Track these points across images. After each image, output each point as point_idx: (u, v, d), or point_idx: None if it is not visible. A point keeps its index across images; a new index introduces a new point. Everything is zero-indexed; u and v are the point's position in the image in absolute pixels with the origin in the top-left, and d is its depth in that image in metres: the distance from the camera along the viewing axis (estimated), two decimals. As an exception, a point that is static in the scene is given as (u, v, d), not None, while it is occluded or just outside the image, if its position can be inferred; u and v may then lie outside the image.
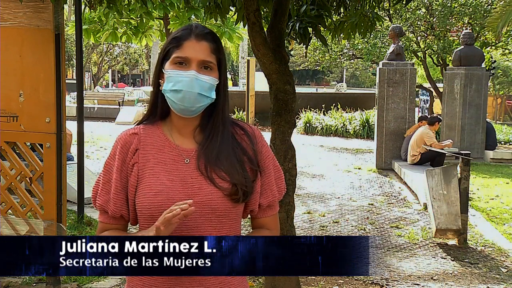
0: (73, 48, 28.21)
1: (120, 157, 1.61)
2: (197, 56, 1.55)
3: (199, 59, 1.55)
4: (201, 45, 1.57)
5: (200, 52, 1.56)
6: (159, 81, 1.61)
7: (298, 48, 29.75)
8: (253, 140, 1.64)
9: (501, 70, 20.85)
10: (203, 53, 1.56)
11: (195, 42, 1.56)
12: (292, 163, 3.37)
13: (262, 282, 4.34)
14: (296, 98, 3.39)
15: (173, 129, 1.63)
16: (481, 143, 11.50)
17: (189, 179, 1.56)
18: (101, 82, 38.86)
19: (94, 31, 8.19)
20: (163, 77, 1.59)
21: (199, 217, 1.53)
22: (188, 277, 1.54)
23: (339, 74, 45.86)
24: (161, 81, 1.60)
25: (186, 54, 1.55)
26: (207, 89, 1.56)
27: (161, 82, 1.60)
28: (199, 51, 1.56)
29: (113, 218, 1.63)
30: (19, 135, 3.94)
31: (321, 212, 7.12)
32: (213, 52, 1.58)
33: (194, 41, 1.57)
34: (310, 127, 16.36)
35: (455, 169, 5.85)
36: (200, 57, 1.56)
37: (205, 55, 1.56)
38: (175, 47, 1.57)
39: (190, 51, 1.56)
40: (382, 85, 10.62)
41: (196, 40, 1.57)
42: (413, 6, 15.29)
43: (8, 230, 4.03)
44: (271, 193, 1.67)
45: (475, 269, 5.04)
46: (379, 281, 4.67)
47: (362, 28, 3.67)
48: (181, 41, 1.57)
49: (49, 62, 3.84)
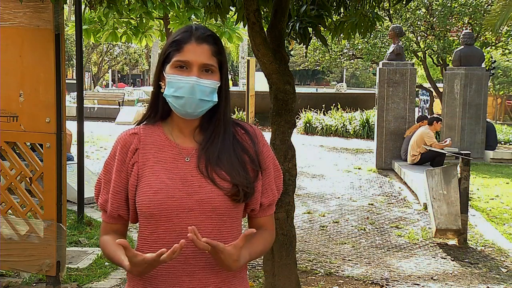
0: (73, 48, 28.21)
1: (120, 157, 1.61)
2: (198, 59, 1.54)
3: (200, 62, 1.54)
4: (202, 48, 1.55)
5: (201, 55, 1.55)
6: (160, 83, 1.61)
7: (298, 48, 29.76)
8: (254, 139, 1.64)
9: (501, 70, 20.84)
10: (204, 56, 1.55)
11: (195, 45, 1.55)
12: (292, 163, 3.37)
13: (262, 282, 4.34)
14: (296, 98, 3.39)
15: (174, 129, 1.63)
16: (481, 143, 11.50)
17: (189, 177, 1.55)
18: (101, 82, 38.86)
19: (94, 31, 8.18)
20: (164, 79, 1.59)
21: (199, 215, 1.53)
22: (188, 276, 1.55)
23: (339, 74, 45.85)
24: (161, 84, 1.60)
25: (186, 57, 1.54)
26: (209, 94, 1.55)
27: (161, 84, 1.60)
28: (200, 54, 1.54)
29: (112, 218, 1.65)
30: (19, 135, 3.94)
31: (321, 212, 7.12)
32: (214, 54, 1.57)
33: (195, 44, 1.55)
34: (310, 127, 16.36)
35: (455, 169, 5.85)
36: (201, 60, 1.54)
37: (206, 58, 1.55)
38: (176, 50, 1.55)
39: (190, 54, 1.54)
40: (382, 85, 10.63)
41: (196, 43, 1.55)
42: (413, 6, 15.29)
43: (8, 230, 4.03)
44: (272, 193, 1.67)
45: (475, 269, 5.04)
46: (379, 281, 4.67)
47: (362, 28, 3.67)
48: (182, 44, 1.55)
49: (49, 62, 3.83)
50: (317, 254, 5.38)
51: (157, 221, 1.54)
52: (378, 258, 5.33)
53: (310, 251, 5.47)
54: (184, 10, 6.75)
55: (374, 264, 5.15)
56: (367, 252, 5.51)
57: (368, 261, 5.24)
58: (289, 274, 3.41)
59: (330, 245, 5.73)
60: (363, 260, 5.25)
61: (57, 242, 3.95)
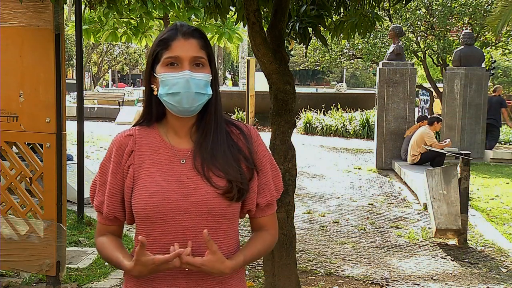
0: (73, 48, 28.21)
1: (115, 159, 1.61)
2: (188, 53, 1.54)
3: (190, 56, 1.55)
4: (190, 43, 1.56)
5: (190, 49, 1.55)
6: (151, 86, 1.60)
7: (298, 48, 29.76)
8: (249, 139, 1.64)
9: (501, 70, 20.85)
10: (193, 50, 1.55)
11: (183, 40, 1.55)
12: (292, 163, 3.37)
13: (262, 282, 4.34)
14: (296, 98, 3.39)
15: (169, 130, 1.63)
16: (481, 143, 11.50)
17: (185, 180, 1.55)
18: (101, 82, 38.85)
19: (94, 31, 8.18)
20: (155, 81, 1.59)
21: (195, 217, 1.53)
22: (185, 278, 1.55)
23: (339, 74, 45.87)
24: (153, 86, 1.60)
25: (176, 53, 1.54)
26: (203, 87, 1.55)
27: (153, 87, 1.59)
28: (189, 48, 1.55)
29: (108, 219, 1.65)
30: (19, 135, 3.94)
31: (321, 212, 7.12)
32: (202, 48, 1.58)
33: (182, 39, 1.55)
34: (310, 127, 16.36)
35: (455, 169, 5.85)
36: (190, 54, 1.55)
37: (195, 51, 1.56)
38: (164, 49, 1.56)
39: (179, 50, 1.54)
40: (382, 85, 10.63)
41: (184, 38, 1.56)
42: (413, 6, 15.29)
43: (8, 230, 4.03)
44: (269, 192, 1.66)
45: (475, 269, 5.03)
46: (379, 281, 4.67)
47: (362, 28, 3.67)
48: (169, 41, 1.56)
49: (49, 62, 3.84)
50: (317, 254, 5.38)
51: (153, 223, 1.54)
52: (378, 258, 5.33)
53: (310, 251, 5.47)
54: (184, 10, 6.76)
55: (374, 264, 5.15)
56: (367, 252, 5.51)
57: (368, 261, 5.24)
58: (289, 274, 3.41)
59: (330, 245, 5.73)
60: (363, 260, 5.25)
61: (57, 242, 3.95)
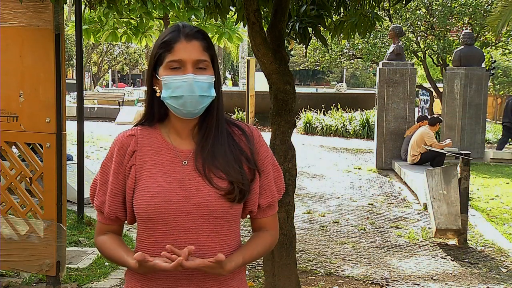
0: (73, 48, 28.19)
1: (117, 159, 1.60)
2: (191, 56, 1.52)
3: (193, 59, 1.52)
4: (192, 45, 1.54)
5: (193, 52, 1.53)
6: (154, 87, 1.59)
7: (298, 48, 29.76)
8: (251, 140, 1.63)
9: (501, 70, 20.82)
10: (196, 53, 1.53)
11: (185, 43, 1.53)
12: (292, 163, 3.37)
13: (262, 282, 4.34)
14: (296, 98, 3.39)
15: (171, 131, 1.62)
16: (481, 143, 11.50)
17: (187, 181, 1.54)
18: (101, 82, 38.84)
19: (94, 31, 8.18)
20: (157, 82, 1.57)
21: (197, 218, 1.53)
22: (187, 279, 1.54)
23: (339, 74, 45.85)
24: (156, 87, 1.58)
25: (179, 56, 1.52)
26: (207, 89, 1.54)
27: (156, 88, 1.58)
28: (192, 51, 1.53)
29: (109, 219, 1.65)
30: (19, 135, 3.94)
31: (321, 212, 7.12)
32: (205, 50, 1.56)
33: (185, 42, 1.53)
34: (310, 127, 16.36)
35: (455, 169, 5.85)
36: (194, 57, 1.53)
37: (199, 54, 1.54)
38: (167, 51, 1.54)
39: (182, 53, 1.52)
40: (382, 85, 10.63)
41: (186, 40, 1.53)
42: (413, 6, 15.29)
43: (8, 230, 4.03)
44: (271, 194, 1.66)
45: (475, 269, 5.03)
46: (379, 281, 4.67)
47: (362, 28, 3.67)
48: (172, 44, 1.53)
49: (49, 62, 3.83)
50: (317, 254, 5.38)
51: (155, 224, 1.54)
52: (378, 258, 5.33)
53: (310, 251, 5.47)
54: (184, 11, 6.76)
55: (374, 264, 5.15)
56: (367, 252, 5.51)
57: (368, 261, 5.24)
58: (289, 274, 3.41)
59: (330, 245, 5.73)
60: (363, 260, 5.25)
61: (57, 242, 3.95)
